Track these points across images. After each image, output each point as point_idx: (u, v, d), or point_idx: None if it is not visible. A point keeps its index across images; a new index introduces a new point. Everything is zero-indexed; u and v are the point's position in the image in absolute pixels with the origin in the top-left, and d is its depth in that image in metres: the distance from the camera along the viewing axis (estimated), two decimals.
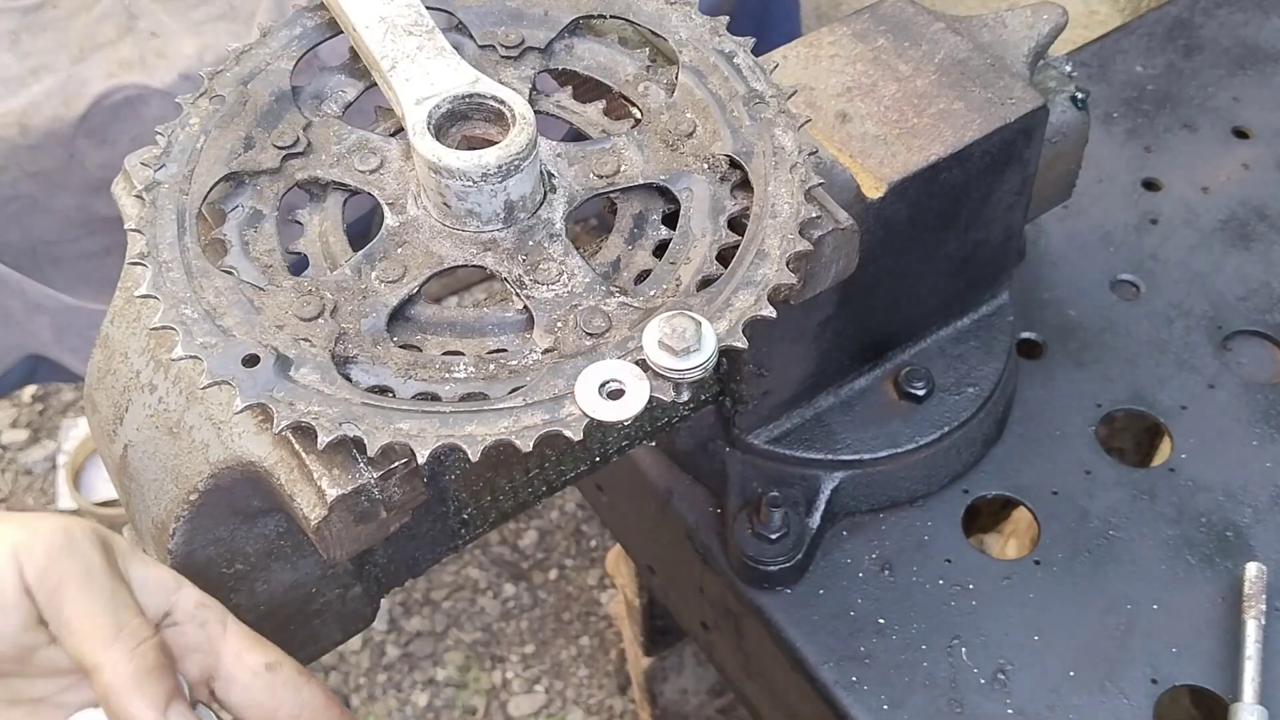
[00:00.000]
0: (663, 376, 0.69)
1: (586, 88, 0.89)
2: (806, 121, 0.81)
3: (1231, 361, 1.15)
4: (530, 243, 0.77)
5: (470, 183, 0.74)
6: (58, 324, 1.65)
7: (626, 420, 0.68)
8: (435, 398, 0.71)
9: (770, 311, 0.72)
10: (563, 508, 2.40)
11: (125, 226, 0.77)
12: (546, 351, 0.73)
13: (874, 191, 0.89)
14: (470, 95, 0.78)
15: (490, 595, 2.31)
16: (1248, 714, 0.92)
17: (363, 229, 1.06)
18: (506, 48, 0.86)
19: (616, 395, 0.68)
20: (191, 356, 0.70)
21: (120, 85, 1.58)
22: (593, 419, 0.67)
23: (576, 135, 0.86)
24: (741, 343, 0.71)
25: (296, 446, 0.71)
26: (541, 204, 0.78)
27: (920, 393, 1.03)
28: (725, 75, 0.84)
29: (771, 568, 1.00)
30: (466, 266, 0.77)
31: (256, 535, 0.80)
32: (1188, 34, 1.41)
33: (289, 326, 0.72)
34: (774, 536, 0.99)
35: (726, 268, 0.75)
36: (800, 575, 1.01)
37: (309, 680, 0.75)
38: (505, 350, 0.74)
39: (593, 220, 0.89)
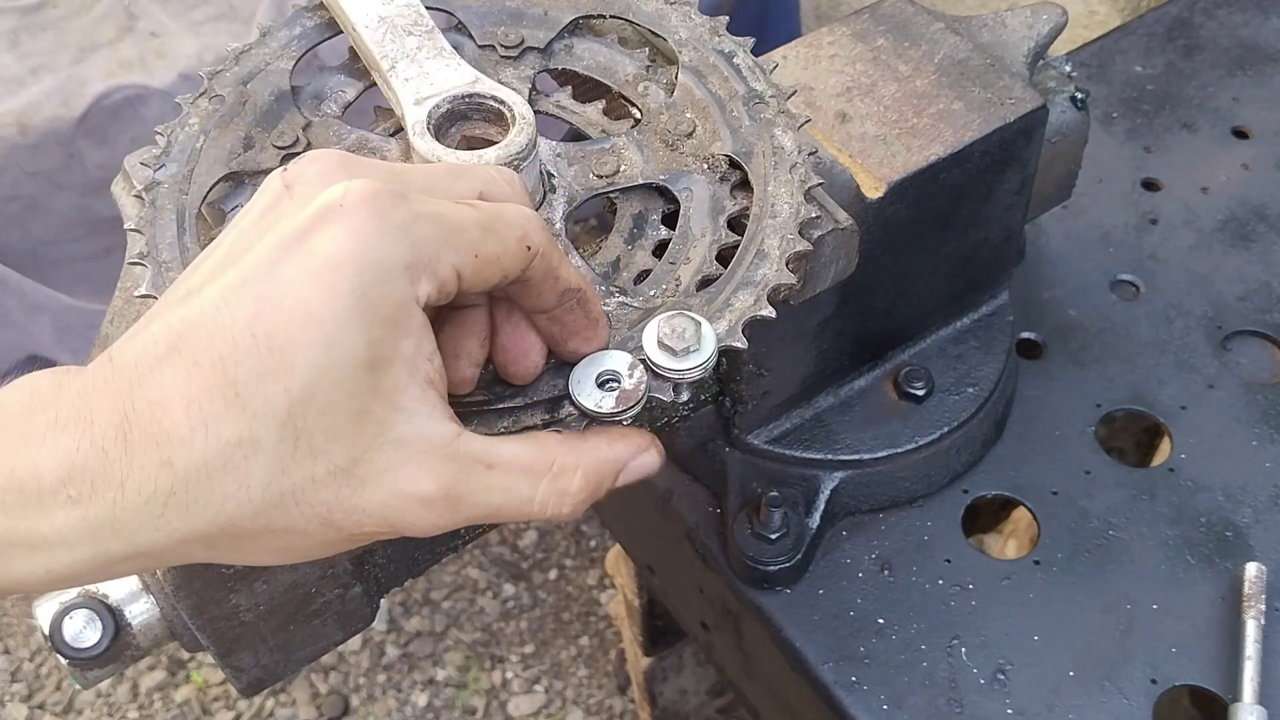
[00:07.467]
0: (662, 377, 0.69)
1: (586, 88, 0.89)
2: (806, 121, 0.81)
3: (1231, 361, 1.15)
4: None
5: None
6: (58, 324, 1.65)
7: (625, 417, 0.67)
8: None
9: (770, 311, 0.72)
10: None
11: (125, 226, 0.77)
12: None
13: (874, 191, 0.89)
14: (470, 95, 0.78)
15: (490, 595, 2.31)
16: (1247, 714, 0.92)
17: None
18: (506, 48, 0.86)
19: (612, 387, 0.68)
20: None
21: (120, 85, 1.59)
22: (586, 409, 0.67)
23: (576, 135, 0.86)
24: (741, 343, 0.71)
25: None
26: (541, 204, 0.78)
27: (920, 393, 1.03)
28: (725, 75, 0.84)
29: (771, 568, 1.00)
30: None
31: None
32: (1188, 34, 1.41)
33: None
34: (774, 536, 0.99)
35: (726, 268, 0.75)
36: (800, 575, 1.01)
37: None
38: None
39: (593, 220, 0.89)
